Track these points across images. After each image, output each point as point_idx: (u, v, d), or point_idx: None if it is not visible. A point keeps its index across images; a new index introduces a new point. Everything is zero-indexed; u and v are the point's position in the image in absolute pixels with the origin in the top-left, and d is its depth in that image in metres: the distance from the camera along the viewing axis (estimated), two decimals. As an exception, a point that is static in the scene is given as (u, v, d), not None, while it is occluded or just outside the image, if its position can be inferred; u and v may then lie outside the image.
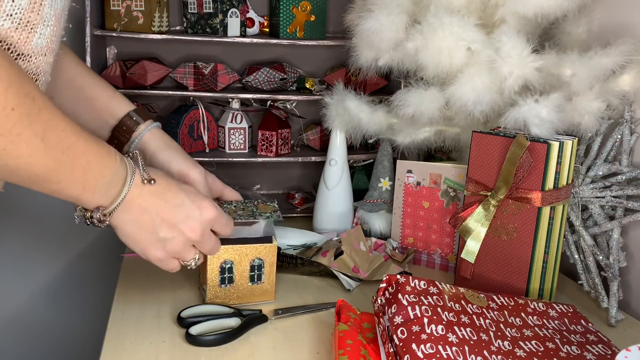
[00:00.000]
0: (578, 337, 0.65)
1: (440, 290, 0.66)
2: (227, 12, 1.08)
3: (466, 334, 0.60)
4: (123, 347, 0.66)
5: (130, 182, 0.62)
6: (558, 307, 0.69)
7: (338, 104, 0.98)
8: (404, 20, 0.86)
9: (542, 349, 0.61)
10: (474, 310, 0.65)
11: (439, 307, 0.63)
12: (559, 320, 0.68)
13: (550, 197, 0.74)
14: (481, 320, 0.63)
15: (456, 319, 0.62)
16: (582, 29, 0.89)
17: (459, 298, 0.66)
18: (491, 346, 0.59)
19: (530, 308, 0.68)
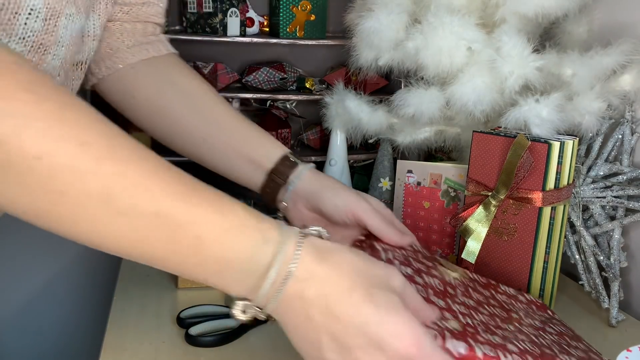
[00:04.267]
0: (542, 318, 0.65)
1: (415, 250, 0.67)
2: (226, 11, 1.08)
3: (434, 282, 0.59)
4: (123, 347, 0.66)
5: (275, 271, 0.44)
6: (528, 296, 0.70)
7: (338, 104, 0.98)
8: (404, 19, 0.86)
9: (506, 315, 0.60)
10: (447, 271, 0.65)
11: (411, 258, 0.63)
12: (527, 305, 0.68)
13: (551, 197, 0.73)
14: (450, 280, 0.63)
15: (426, 269, 0.62)
16: (583, 29, 0.89)
17: (432, 259, 0.66)
18: (456, 298, 0.59)
19: (501, 289, 0.68)
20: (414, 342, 0.44)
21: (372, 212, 0.67)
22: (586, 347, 0.61)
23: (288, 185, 0.72)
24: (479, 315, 0.57)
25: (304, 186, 0.71)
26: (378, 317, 0.44)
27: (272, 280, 0.44)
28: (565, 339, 0.61)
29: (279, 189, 0.72)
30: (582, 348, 0.60)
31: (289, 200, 0.72)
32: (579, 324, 0.78)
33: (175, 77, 0.76)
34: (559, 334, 0.62)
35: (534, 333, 0.58)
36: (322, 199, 0.69)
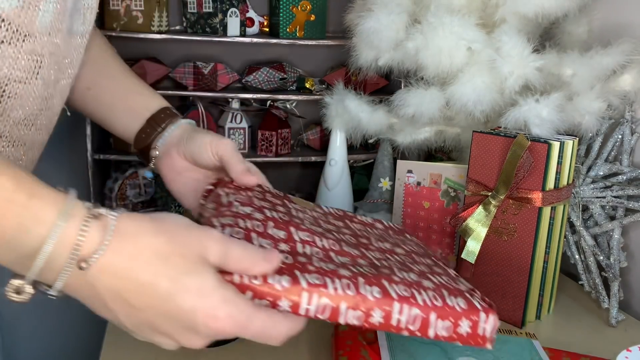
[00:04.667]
0: (396, 240, 0.65)
1: (264, 191, 0.66)
2: (226, 11, 1.08)
3: (277, 215, 0.59)
4: (122, 348, 0.66)
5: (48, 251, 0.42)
6: (387, 223, 0.71)
7: (338, 104, 0.98)
8: (404, 19, 0.86)
9: (354, 241, 0.60)
10: (296, 208, 0.65)
11: (255, 198, 0.62)
12: (384, 230, 0.68)
13: (551, 197, 0.73)
14: (299, 214, 0.63)
15: (271, 205, 0.61)
16: (583, 29, 0.89)
17: (283, 198, 0.66)
18: (301, 226, 0.58)
19: (357, 219, 0.69)
20: (227, 320, 0.45)
21: (233, 149, 0.68)
22: (432, 262, 0.61)
23: (164, 131, 0.72)
24: (322, 241, 0.57)
25: (178, 133, 0.72)
26: (189, 305, 0.44)
27: (41, 266, 0.42)
28: (413, 256, 0.61)
29: (154, 136, 0.73)
30: (426, 263, 0.60)
31: (162, 147, 0.72)
32: (579, 324, 0.78)
33: None
34: (407, 253, 0.62)
35: (380, 257, 0.58)
36: (192, 139, 0.70)
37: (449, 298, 0.52)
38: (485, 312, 0.53)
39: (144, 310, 0.44)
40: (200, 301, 0.44)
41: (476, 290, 0.56)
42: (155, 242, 0.44)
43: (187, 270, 0.44)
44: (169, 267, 0.43)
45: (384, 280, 0.51)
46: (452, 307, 0.52)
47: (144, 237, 0.44)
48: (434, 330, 0.51)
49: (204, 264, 0.45)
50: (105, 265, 0.43)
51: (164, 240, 0.44)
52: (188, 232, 0.46)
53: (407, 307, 0.50)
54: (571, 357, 0.65)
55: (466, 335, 0.52)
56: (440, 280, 0.56)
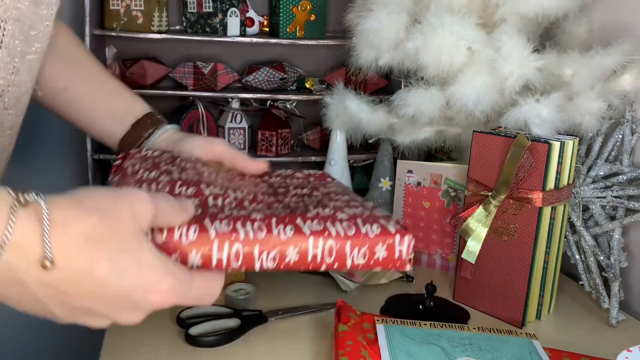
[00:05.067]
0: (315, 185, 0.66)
1: (175, 157, 0.65)
2: (226, 11, 1.08)
3: (186, 176, 0.58)
4: (122, 348, 0.66)
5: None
6: (307, 172, 0.71)
7: (338, 104, 0.98)
8: (404, 19, 0.86)
9: (272, 191, 0.60)
10: (208, 170, 0.64)
11: (162, 163, 0.62)
12: (304, 179, 0.69)
13: (551, 197, 0.73)
14: (212, 175, 0.62)
15: (180, 169, 0.60)
16: (583, 29, 0.89)
17: (195, 162, 0.65)
18: (211, 186, 0.57)
19: (275, 174, 0.70)
20: (169, 292, 0.44)
21: (229, 147, 0.71)
22: (350, 198, 0.61)
23: (151, 137, 0.72)
24: (236, 193, 0.57)
25: (166, 137, 0.72)
26: (129, 284, 0.42)
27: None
28: (330, 195, 0.62)
29: (140, 141, 0.72)
30: (344, 199, 0.60)
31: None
32: (579, 324, 0.78)
33: None
34: (325, 193, 0.62)
35: (296, 200, 0.59)
36: (183, 141, 0.70)
37: (362, 226, 0.52)
38: (400, 233, 0.53)
39: (81, 297, 0.41)
40: (141, 279, 0.42)
41: (391, 216, 0.57)
42: (86, 225, 0.41)
43: (124, 248, 0.42)
44: (104, 248, 0.41)
45: (297, 218, 0.51)
46: (366, 234, 0.52)
47: (74, 223, 0.40)
48: (352, 260, 0.51)
49: (139, 238, 0.43)
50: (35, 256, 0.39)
51: (95, 220, 0.41)
52: (117, 202, 0.43)
53: (321, 240, 0.50)
54: (571, 357, 0.65)
55: (383, 260, 0.52)
56: (355, 212, 0.56)
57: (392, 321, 0.69)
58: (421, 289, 0.81)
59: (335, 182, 0.70)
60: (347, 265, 0.51)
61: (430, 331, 0.67)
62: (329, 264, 0.51)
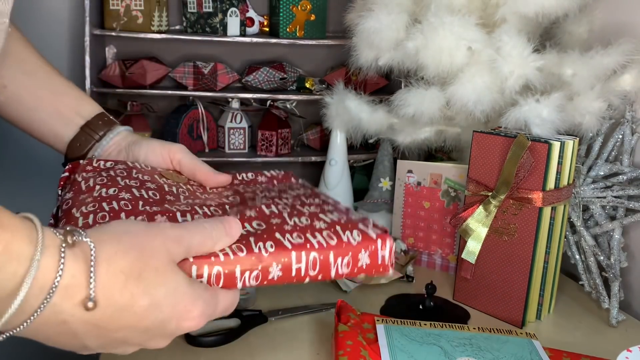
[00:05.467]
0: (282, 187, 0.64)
1: (130, 167, 0.62)
2: (226, 11, 1.08)
3: (145, 193, 0.56)
4: (122, 348, 0.66)
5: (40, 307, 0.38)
6: (269, 173, 0.70)
7: (338, 104, 0.98)
8: (404, 19, 0.86)
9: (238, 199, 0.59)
10: (167, 182, 0.62)
11: (119, 177, 0.59)
12: (268, 182, 0.67)
13: (551, 197, 0.73)
14: (173, 189, 0.60)
15: (139, 184, 0.58)
16: (583, 29, 0.89)
17: (152, 173, 0.63)
18: (177, 203, 0.56)
19: (237, 180, 0.67)
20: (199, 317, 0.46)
21: (188, 152, 0.67)
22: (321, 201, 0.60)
23: (102, 140, 0.67)
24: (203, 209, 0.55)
25: (118, 140, 0.68)
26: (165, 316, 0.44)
27: (15, 309, 0.37)
28: (302, 199, 0.61)
29: (90, 144, 0.67)
30: (316, 203, 0.59)
31: (101, 157, 0.67)
32: (579, 324, 0.78)
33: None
34: (295, 197, 0.61)
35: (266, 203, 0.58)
36: (138, 145, 0.66)
37: (343, 234, 0.52)
38: (381, 238, 0.52)
39: (119, 330, 0.42)
40: (175, 309, 0.44)
41: (368, 218, 0.56)
42: (126, 263, 0.41)
43: (160, 282, 0.43)
44: (142, 284, 0.42)
45: (275, 233, 0.51)
46: (348, 242, 0.51)
47: (115, 262, 0.41)
48: (336, 270, 0.51)
49: (173, 270, 0.44)
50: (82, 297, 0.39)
51: (134, 257, 0.42)
52: (152, 239, 0.44)
53: (304, 254, 0.49)
54: (571, 357, 0.65)
55: (367, 266, 0.52)
56: (332, 218, 0.55)
57: (392, 321, 0.69)
58: (421, 289, 0.81)
59: (301, 182, 0.68)
60: (332, 276, 0.51)
61: (430, 331, 0.67)
62: (313, 277, 0.50)
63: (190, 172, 0.66)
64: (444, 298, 0.82)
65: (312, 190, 0.65)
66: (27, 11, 1.11)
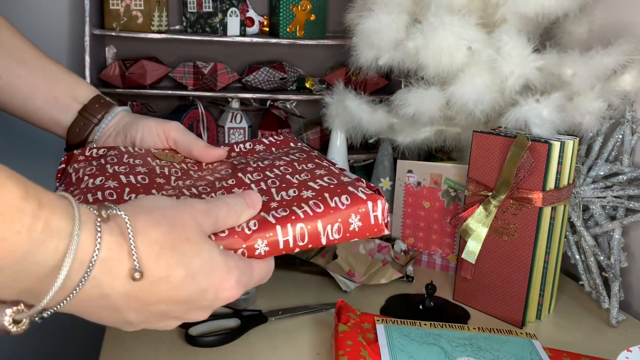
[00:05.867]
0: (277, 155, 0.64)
1: (122, 152, 0.62)
2: (226, 11, 1.08)
3: (134, 179, 0.56)
4: (122, 348, 0.66)
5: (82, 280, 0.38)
6: (268, 140, 0.69)
7: (338, 104, 0.98)
8: (404, 19, 0.86)
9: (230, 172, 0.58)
10: (160, 164, 0.61)
11: (108, 165, 0.58)
12: (265, 149, 0.67)
13: (552, 197, 0.73)
14: (165, 170, 0.60)
15: (128, 169, 0.58)
16: (583, 29, 0.89)
17: (145, 156, 0.62)
18: (166, 186, 0.56)
19: (235, 152, 0.67)
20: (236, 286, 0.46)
21: (183, 129, 0.67)
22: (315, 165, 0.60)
23: (101, 123, 0.67)
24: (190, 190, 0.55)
25: (115, 122, 0.68)
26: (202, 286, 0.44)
27: (60, 285, 0.37)
28: (294, 165, 0.60)
29: (90, 129, 0.67)
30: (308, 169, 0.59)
31: (100, 140, 0.68)
32: (579, 324, 0.78)
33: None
34: (288, 163, 0.61)
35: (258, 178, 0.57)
36: (136, 125, 0.66)
37: (331, 200, 0.51)
38: (371, 199, 0.52)
39: (157, 303, 0.43)
40: (211, 279, 0.44)
41: (361, 179, 0.55)
42: (158, 234, 0.42)
43: (194, 252, 0.43)
44: (177, 255, 0.42)
45: (261, 212, 0.50)
46: (336, 207, 0.51)
47: (148, 232, 0.42)
48: (326, 238, 0.50)
49: (205, 240, 0.45)
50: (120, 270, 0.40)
51: (166, 230, 0.43)
52: (180, 212, 0.45)
53: (289, 226, 0.49)
54: (571, 357, 0.65)
55: (359, 229, 0.51)
56: (321, 184, 0.54)
57: (392, 321, 0.69)
58: (421, 289, 0.81)
59: (299, 146, 0.67)
60: (323, 243, 0.50)
61: (430, 331, 0.67)
62: (303, 246, 0.50)
63: (186, 149, 0.66)
64: (444, 298, 0.82)
65: (308, 153, 0.64)
66: (27, 11, 1.11)
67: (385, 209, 0.52)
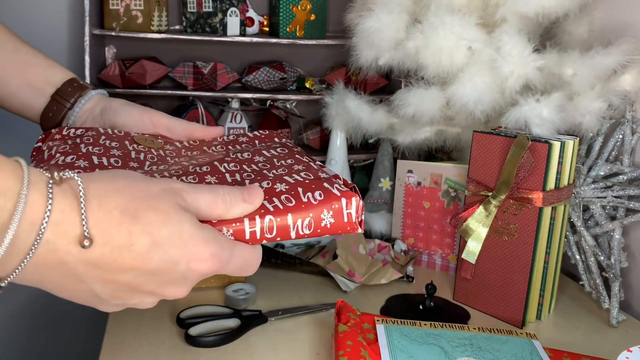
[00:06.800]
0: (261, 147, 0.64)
1: (100, 134, 0.61)
2: (226, 11, 1.08)
3: (106, 161, 0.55)
4: (122, 348, 0.66)
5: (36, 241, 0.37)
6: (253, 133, 0.69)
7: (338, 104, 0.98)
8: (404, 19, 0.86)
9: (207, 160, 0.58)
10: (137, 149, 0.60)
11: (82, 144, 0.57)
12: (248, 142, 0.66)
13: (552, 198, 0.73)
14: (140, 155, 0.59)
15: (102, 150, 0.57)
16: (584, 28, 0.89)
17: (122, 139, 0.61)
18: (138, 170, 0.55)
19: (217, 141, 0.67)
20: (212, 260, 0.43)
21: (171, 117, 0.66)
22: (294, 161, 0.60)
23: (75, 107, 0.66)
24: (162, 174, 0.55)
25: (90, 106, 0.66)
26: (171, 256, 0.42)
27: (8, 244, 0.36)
28: (273, 161, 0.60)
29: (63, 113, 0.66)
30: (287, 164, 0.59)
31: (75, 125, 0.66)
32: (579, 324, 0.78)
33: None
34: (268, 159, 0.60)
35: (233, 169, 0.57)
36: (116, 112, 0.65)
37: (303, 195, 0.51)
38: (345, 196, 0.51)
39: (122, 273, 0.40)
40: (182, 250, 0.42)
41: (339, 176, 0.55)
42: (120, 200, 0.40)
43: (162, 221, 0.41)
44: (140, 222, 0.40)
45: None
46: (308, 202, 0.50)
47: (107, 197, 0.40)
48: (296, 232, 0.50)
49: (177, 212, 0.42)
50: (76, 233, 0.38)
51: (128, 197, 0.41)
52: (148, 185, 0.43)
53: (258, 219, 0.48)
54: (571, 357, 0.65)
55: (332, 226, 0.51)
56: (297, 178, 0.54)
57: (392, 321, 0.69)
58: (421, 289, 0.81)
59: (283, 142, 0.67)
60: (292, 237, 0.50)
61: (430, 331, 0.67)
62: (271, 239, 0.49)
63: (186, 132, 0.66)
64: (444, 298, 0.82)
65: (290, 150, 0.64)
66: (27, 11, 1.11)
67: (360, 207, 0.51)
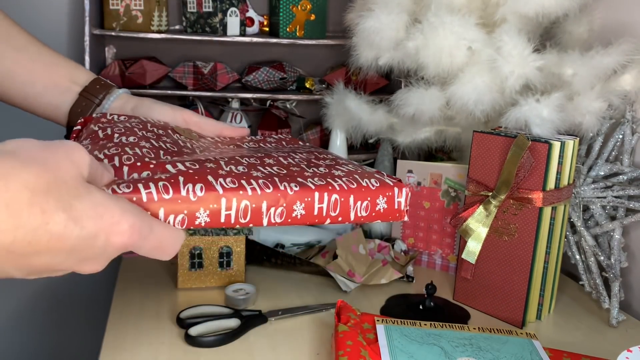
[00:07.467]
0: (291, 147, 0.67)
1: (144, 121, 0.63)
2: (226, 11, 1.08)
3: (164, 145, 0.57)
4: (122, 348, 0.66)
5: None
6: (278, 136, 0.73)
7: (338, 104, 0.98)
8: (404, 19, 0.86)
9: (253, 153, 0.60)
10: (181, 138, 0.63)
11: (135, 128, 0.59)
12: (276, 142, 0.71)
13: (552, 197, 0.73)
14: (187, 144, 0.62)
15: (155, 136, 0.59)
16: (584, 28, 0.89)
17: (165, 128, 0.64)
18: (195, 155, 0.57)
19: (246, 139, 0.71)
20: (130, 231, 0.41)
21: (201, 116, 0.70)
22: (333, 157, 0.63)
23: (103, 104, 0.67)
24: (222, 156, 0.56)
25: (121, 104, 0.67)
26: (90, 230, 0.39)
27: None
28: (315, 154, 0.63)
29: (92, 109, 0.67)
30: (329, 158, 0.62)
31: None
32: (579, 324, 0.78)
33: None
34: (307, 152, 0.64)
35: (283, 155, 0.60)
36: (149, 108, 0.67)
37: (362, 180, 0.54)
38: (397, 186, 0.55)
39: (39, 255, 0.38)
40: (99, 222, 0.39)
41: (382, 172, 0.59)
42: (28, 177, 0.36)
43: (73, 195, 0.38)
44: (53, 198, 0.37)
45: (297, 178, 0.53)
46: (367, 187, 0.54)
47: (14, 176, 0.36)
48: (355, 213, 0.53)
49: (84, 183, 0.40)
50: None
51: (36, 171, 0.37)
52: (53, 151, 0.39)
53: (326, 195, 0.51)
54: (572, 357, 0.65)
55: (384, 211, 0.55)
56: (348, 168, 0.58)
57: (392, 321, 0.69)
58: (421, 289, 0.81)
59: (309, 145, 0.71)
60: (351, 218, 0.53)
61: (430, 331, 0.67)
62: (334, 217, 0.52)
63: (216, 130, 0.69)
64: (444, 298, 0.82)
65: (322, 150, 0.67)
66: (27, 11, 1.11)
67: (409, 197, 0.56)
